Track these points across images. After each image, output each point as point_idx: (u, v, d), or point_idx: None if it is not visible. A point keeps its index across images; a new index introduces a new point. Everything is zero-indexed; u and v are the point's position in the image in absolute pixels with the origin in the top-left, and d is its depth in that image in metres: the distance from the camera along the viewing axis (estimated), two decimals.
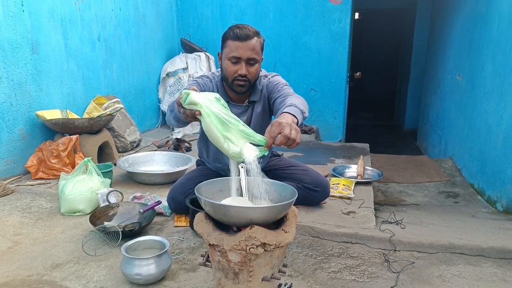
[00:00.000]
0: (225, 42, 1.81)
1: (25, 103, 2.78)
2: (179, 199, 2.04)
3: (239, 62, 1.79)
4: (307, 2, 4.68)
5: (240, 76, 1.81)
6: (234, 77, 1.82)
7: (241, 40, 1.75)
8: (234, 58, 1.79)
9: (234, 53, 1.77)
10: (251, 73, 1.82)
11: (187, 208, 1.99)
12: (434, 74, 5.20)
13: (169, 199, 2.11)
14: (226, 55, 1.82)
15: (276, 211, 1.16)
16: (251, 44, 1.76)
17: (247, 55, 1.77)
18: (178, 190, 2.08)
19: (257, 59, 1.81)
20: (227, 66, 1.82)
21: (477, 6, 3.58)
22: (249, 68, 1.81)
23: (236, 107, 1.98)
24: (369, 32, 9.82)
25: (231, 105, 1.95)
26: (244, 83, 1.83)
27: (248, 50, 1.77)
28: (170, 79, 4.48)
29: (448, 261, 1.80)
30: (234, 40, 1.76)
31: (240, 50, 1.76)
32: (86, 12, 3.34)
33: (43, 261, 1.69)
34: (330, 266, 1.72)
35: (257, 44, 1.79)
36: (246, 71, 1.80)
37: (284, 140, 1.25)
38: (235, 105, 1.98)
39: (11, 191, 2.48)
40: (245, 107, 1.99)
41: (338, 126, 4.92)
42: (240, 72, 1.79)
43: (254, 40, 1.78)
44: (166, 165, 2.96)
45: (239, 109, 1.99)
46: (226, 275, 1.17)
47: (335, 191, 2.47)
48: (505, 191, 2.72)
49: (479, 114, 3.31)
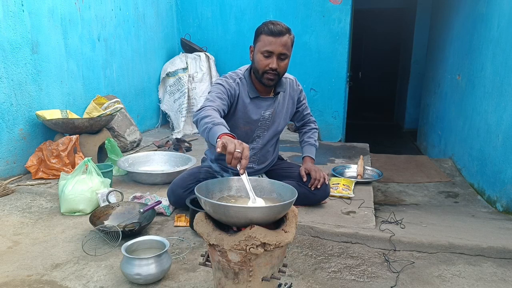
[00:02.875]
0: (259, 37, 1.89)
1: (25, 103, 2.78)
2: (179, 192, 2.08)
3: (271, 57, 1.88)
4: (307, 2, 4.68)
5: (271, 70, 1.89)
6: (265, 70, 1.90)
7: (275, 36, 1.84)
8: (266, 52, 1.87)
9: (267, 48, 1.86)
10: (281, 67, 1.91)
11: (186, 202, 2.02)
12: (434, 74, 5.20)
13: (169, 191, 2.15)
14: (259, 49, 1.89)
15: (276, 211, 1.16)
16: (284, 40, 1.85)
17: (279, 50, 1.86)
18: (178, 183, 2.12)
19: (287, 54, 1.90)
20: (259, 59, 1.90)
21: (477, 6, 3.58)
22: (280, 62, 1.90)
23: (264, 100, 2.06)
24: (369, 32, 9.82)
25: (259, 99, 2.05)
26: (273, 77, 1.92)
27: (280, 46, 1.85)
28: (170, 79, 4.48)
29: (448, 261, 1.80)
30: (268, 35, 1.85)
31: (273, 45, 1.85)
32: (86, 12, 3.34)
33: (43, 261, 1.69)
34: (330, 266, 1.72)
35: (288, 41, 1.88)
36: (277, 65, 1.88)
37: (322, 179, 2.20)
38: (263, 99, 2.06)
39: (11, 191, 2.48)
40: (272, 98, 2.08)
41: (338, 126, 4.91)
42: (272, 66, 1.88)
43: (286, 37, 1.86)
44: (166, 165, 2.96)
45: (267, 101, 2.08)
46: (226, 275, 1.18)
47: (335, 191, 2.47)
48: (505, 191, 2.72)
49: (479, 114, 3.31)
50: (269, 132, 2.16)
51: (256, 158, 2.21)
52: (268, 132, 2.15)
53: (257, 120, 2.08)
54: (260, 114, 2.06)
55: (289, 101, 2.19)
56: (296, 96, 2.23)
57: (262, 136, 2.15)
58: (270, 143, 2.22)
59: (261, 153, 2.21)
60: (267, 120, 2.11)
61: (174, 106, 4.48)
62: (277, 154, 2.40)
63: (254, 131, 2.11)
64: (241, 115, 2.03)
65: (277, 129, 2.19)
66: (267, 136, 2.16)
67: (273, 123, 2.15)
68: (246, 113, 2.03)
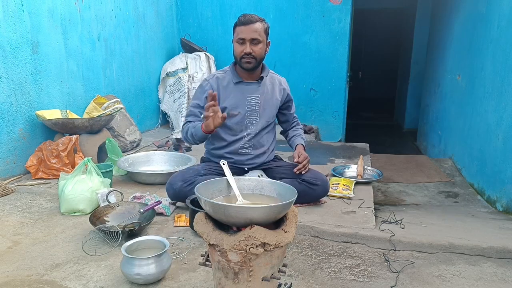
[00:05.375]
0: (234, 30, 2.14)
1: (25, 103, 2.78)
2: (177, 185, 2.13)
3: (244, 43, 2.10)
4: (307, 2, 4.68)
5: (245, 55, 2.10)
6: (241, 56, 2.12)
7: (245, 25, 2.08)
8: (240, 40, 2.10)
9: (240, 35, 2.10)
10: (256, 51, 2.11)
11: (184, 195, 2.03)
12: (434, 74, 5.20)
13: (168, 185, 2.19)
14: (234, 39, 2.15)
15: (276, 211, 1.16)
16: (254, 27, 2.08)
17: (250, 36, 2.08)
18: (178, 176, 2.18)
19: (259, 39, 2.10)
20: (235, 48, 2.15)
21: (477, 6, 3.58)
22: (253, 47, 2.10)
23: (249, 84, 2.25)
24: (369, 32, 9.82)
25: (242, 83, 2.24)
26: (250, 59, 2.12)
27: (250, 32, 2.08)
28: (170, 79, 4.48)
29: (448, 261, 1.80)
30: (240, 26, 2.10)
31: (244, 32, 2.08)
32: (86, 12, 3.34)
33: (43, 261, 1.69)
34: (330, 266, 1.72)
35: (259, 28, 2.09)
36: (250, 50, 2.09)
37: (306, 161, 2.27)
38: (246, 83, 2.25)
39: (11, 191, 2.48)
40: (257, 83, 2.26)
41: (338, 126, 4.92)
42: (245, 51, 2.09)
43: (257, 24, 2.09)
44: (166, 165, 2.96)
45: (251, 85, 2.25)
46: (226, 275, 1.18)
47: (335, 191, 2.47)
48: (505, 191, 2.72)
49: (479, 114, 3.31)
50: (261, 120, 2.29)
51: (251, 143, 2.30)
52: (261, 120, 2.28)
53: (243, 104, 2.23)
54: (245, 97, 2.24)
55: (277, 92, 2.33)
56: (285, 91, 2.37)
57: (255, 123, 2.28)
58: (264, 130, 2.33)
59: (255, 139, 2.30)
60: (256, 106, 2.25)
61: (174, 106, 4.48)
62: (274, 146, 2.47)
63: (245, 117, 2.25)
64: (228, 102, 2.22)
65: (269, 116, 2.31)
66: (260, 124, 2.29)
67: (264, 110, 2.27)
68: (232, 99, 2.22)
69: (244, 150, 2.28)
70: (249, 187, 1.37)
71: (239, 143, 2.27)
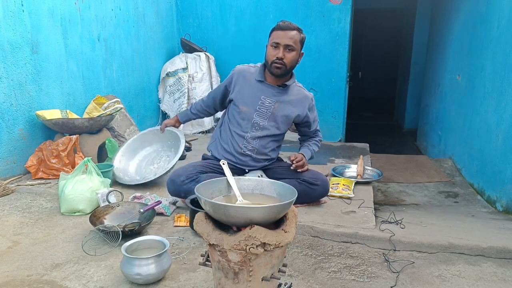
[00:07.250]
0: (271, 33, 2.16)
1: (25, 103, 2.78)
2: (177, 180, 2.16)
3: (278, 47, 2.11)
4: (307, 2, 4.68)
5: (277, 59, 2.11)
6: (272, 60, 2.13)
7: (283, 30, 2.11)
8: (274, 43, 2.12)
9: (275, 40, 2.12)
10: (288, 58, 2.13)
11: (184, 191, 2.04)
12: (434, 74, 5.20)
13: (168, 180, 2.21)
14: (269, 42, 2.16)
15: (276, 211, 1.16)
16: (291, 34, 2.11)
17: (285, 41, 2.10)
18: (178, 172, 2.21)
19: (294, 47, 2.12)
20: (269, 50, 2.16)
21: (477, 6, 3.58)
22: (286, 53, 2.12)
23: (270, 87, 2.25)
24: (369, 32, 9.82)
25: (263, 83, 2.25)
26: (280, 65, 2.13)
27: (286, 38, 2.10)
28: (170, 79, 4.48)
29: (448, 261, 1.80)
30: (277, 30, 2.12)
31: (280, 37, 2.11)
32: (86, 12, 3.34)
33: (43, 261, 1.69)
34: (330, 266, 1.72)
35: (296, 36, 2.12)
36: (283, 55, 2.11)
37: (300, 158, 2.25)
38: (268, 85, 2.25)
39: (11, 191, 2.48)
40: (278, 88, 2.26)
41: (338, 126, 4.91)
42: (278, 55, 2.10)
43: (294, 32, 2.12)
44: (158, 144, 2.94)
45: (272, 89, 2.25)
46: (226, 275, 1.18)
47: (335, 191, 2.47)
48: (505, 191, 2.72)
49: (479, 114, 3.31)
50: (270, 125, 2.25)
51: (255, 146, 2.27)
52: (269, 125, 2.25)
53: (255, 103, 2.22)
54: (259, 97, 2.23)
55: (299, 106, 2.29)
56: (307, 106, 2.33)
57: (262, 125, 2.25)
58: (270, 138, 2.29)
59: (260, 143, 2.28)
60: (268, 109, 2.23)
61: (174, 106, 4.48)
62: (276, 157, 2.45)
63: (253, 115, 2.23)
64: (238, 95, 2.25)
65: (280, 125, 2.27)
66: (267, 129, 2.25)
67: (275, 117, 2.24)
68: (244, 93, 2.24)
69: (247, 151, 2.27)
70: (249, 187, 1.37)
71: (243, 141, 2.26)
